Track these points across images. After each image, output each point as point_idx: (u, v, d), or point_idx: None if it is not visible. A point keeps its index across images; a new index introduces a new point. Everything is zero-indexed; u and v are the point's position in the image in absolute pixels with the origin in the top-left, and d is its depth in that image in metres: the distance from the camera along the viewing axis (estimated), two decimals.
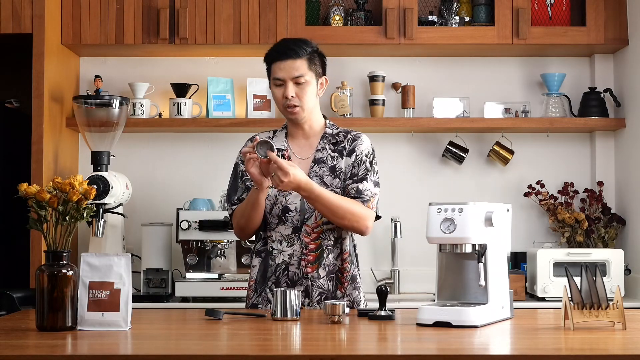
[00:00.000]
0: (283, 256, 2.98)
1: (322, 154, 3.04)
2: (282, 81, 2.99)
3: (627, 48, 4.16)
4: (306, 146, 3.07)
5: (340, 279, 3.00)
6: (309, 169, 3.02)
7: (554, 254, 3.93)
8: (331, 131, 3.08)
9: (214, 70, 4.36)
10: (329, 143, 3.05)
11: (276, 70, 3.00)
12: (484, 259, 2.58)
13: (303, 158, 3.05)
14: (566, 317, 2.47)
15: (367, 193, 2.98)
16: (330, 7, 4.23)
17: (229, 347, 2.27)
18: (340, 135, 3.07)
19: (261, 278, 3.02)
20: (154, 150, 4.37)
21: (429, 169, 4.37)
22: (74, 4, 4.08)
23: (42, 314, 2.42)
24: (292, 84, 2.97)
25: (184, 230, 3.92)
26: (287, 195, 2.99)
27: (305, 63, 2.99)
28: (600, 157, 4.33)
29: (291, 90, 2.97)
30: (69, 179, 2.47)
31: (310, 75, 3.00)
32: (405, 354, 2.15)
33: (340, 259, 3.01)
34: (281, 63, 2.98)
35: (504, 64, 4.40)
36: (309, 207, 2.97)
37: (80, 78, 4.36)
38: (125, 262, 2.47)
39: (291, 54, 2.98)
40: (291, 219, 2.99)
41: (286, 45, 3.02)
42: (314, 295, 2.98)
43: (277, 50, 3.02)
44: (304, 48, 3.00)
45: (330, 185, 3.00)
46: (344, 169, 3.02)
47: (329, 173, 3.01)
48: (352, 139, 3.06)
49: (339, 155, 3.03)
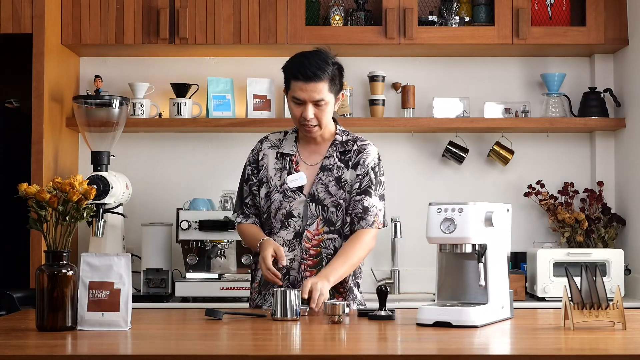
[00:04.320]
0: (285, 261, 2.98)
1: (330, 162, 3.04)
2: (301, 101, 2.97)
3: (627, 48, 4.16)
4: (315, 152, 3.08)
5: (339, 289, 3.02)
6: (315, 175, 3.03)
7: (554, 254, 3.93)
8: (341, 138, 3.08)
9: (214, 70, 4.35)
10: (337, 151, 3.06)
11: (297, 90, 2.96)
12: (484, 259, 2.58)
13: (311, 164, 3.06)
14: (566, 317, 2.47)
15: (372, 210, 3.01)
16: (330, 7, 4.23)
17: (229, 347, 2.28)
18: (349, 144, 3.07)
19: (265, 282, 3.03)
20: (154, 150, 4.37)
21: (429, 169, 4.37)
22: (74, 4, 4.08)
23: (42, 314, 2.42)
24: (311, 105, 2.96)
25: (184, 230, 3.92)
26: (291, 202, 3.00)
27: (327, 85, 2.96)
28: (600, 157, 4.33)
29: (310, 112, 2.96)
30: (69, 179, 2.47)
31: (330, 97, 2.98)
32: (405, 354, 2.15)
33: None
34: (303, 84, 2.94)
35: (504, 64, 4.40)
36: (312, 214, 2.99)
37: (80, 78, 4.36)
38: (125, 262, 2.47)
39: (314, 78, 2.93)
40: (293, 224, 3.00)
41: (309, 67, 2.94)
42: None
43: (299, 71, 2.95)
44: (327, 70, 2.95)
45: (335, 195, 3.01)
46: (349, 181, 3.03)
47: (334, 183, 3.02)
48: (358, 151, 3.06)
49: (345, 167, 3.04)
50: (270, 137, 3.13)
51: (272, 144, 3.10)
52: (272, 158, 3.07)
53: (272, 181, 3.04)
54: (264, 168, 3.07)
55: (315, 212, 3.00)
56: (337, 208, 3.01)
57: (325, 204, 3.00)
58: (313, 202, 3.00)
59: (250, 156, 3.13)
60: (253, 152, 3.13)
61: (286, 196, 3.01)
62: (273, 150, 3.09)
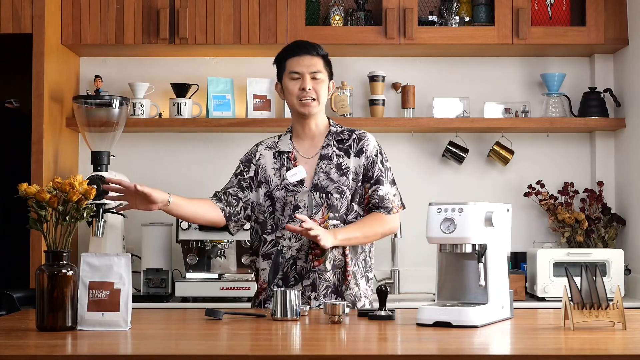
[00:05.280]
0: (291, 251, 3.02)
1: (328, 150, 3.10)
2: (299, 75, 3.07)
3: (627, 48, 4.16)
4: (311, 146, 3.13)
5: (345, 275, 3.04)
6: (315, 166, 3.06)
7: (554, 254, 3.93)
8: (335, 129, 3.15)
9: (214, 70, 4.36)
10: (333, 140, 3.12)
11: (293, 65, 3.08)
12: (484, 259, 2.58)
13: (309, 157, 3.10)
14: (566, 317, 2.47)
15: (388, 198, 3.08)
16: (330, 7, 4.23)
17: (229, 347, 2.28)
18: (345, 134, 3.14)
19: (272, 278, 3.04)
20: (154, 150, 4.37)
21: (429, 169, 4.37)
22: (74, 4, 4.08)
23: (42, 314, 2.42)
24: (309, 77, 3.06)
25: (184, 230, 3.92)
26: (295, 194, 3.03)
27: (321, 61, 3.11)
28: (600, 157, 4.33)
29: (309, 83, 3.06)
30: (69, 179, 2.47)
31: (325, 74, 3.11)
32: (405, 354, 2.15)
33: (342, 254, 3.04)
34: (299, 58, 3.08)
35: (504, 64, 4.40)
36: (316, 203, 3.02)
37: (80, 78, 4.36)
38: (125, 262, 2.47)
39: (310, 50, 3.10)
40: None
41: (303, 44, 3.14)
42: (320, 288, 3.01)
43: (295, 47, 3.13)
44: (320, 49, 3.12)
45: (337, 182, 3.05)
46: (353, 169, 3.07)
47: (335, 170, 3.07)
48: (358, 139, 3.13)
49: (345, 155, 3.09)
50: (266, 140, 3.20)
51: (268, 145, 3.15)
52: (269, 158, 3.11)
53: (271, 180, 3.07)
54: (261, 169, 3.10)
55: (320, 200, 3.03)
56: (340, 194, 3.04)
57: (328, 190, 3.04)
58: (317, 192, 3.04)
59: (244, 157, 3.18)
60: (247, 154, 3.19)
61: (289, 191, 3.04)
62: (270, 151, 3.13)
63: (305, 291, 3.01)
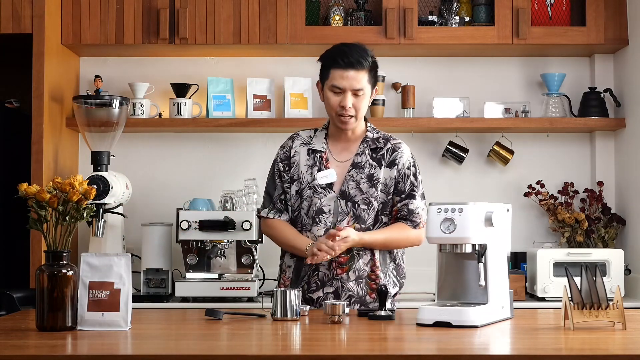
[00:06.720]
0: None
1: (361, 159, 3.05)
2: (341, 90, 2.99)
3: (627, 48, 4.16)
4: (345, 150, 3.09)
5: (370, 286, 3.01)
6: (346, 172, 3.04)
7: (554, 254, 3.93)
8: (372, 135, 3.10)
9: (214, 70, 4.35)
10: (368, 148, 3.07)
11: (337, 78, 2.98)
12: (484, 259, 2.58)
13: (342, 161, 3.08)
14: (566, 317, 2.47)
15: (417, 212, 3.06)
16: (330, 7, 4.23)
17: (229, 347, 2.28)
18: (381, 142, 3.09)
19: (295, 278, 3.04)
20: (154, 150, 4.37)
21: (429, 169, 4.37)
22: (74, 4, 4.08)
23: (42, 314, 2.42)
24: (350, 94, 2.98)
25: (184, 230, 3.91)
26: (322, 198, 3.01)
27: (366, 75, 3.00)
28: (600, 157, 4.33)
29: (349, 100, 2.98)
30: (69, 179, 2.47)
31: (368, 88, 3.02)
32: (405, 354, 2.15)
33: (370, 265, 3.02)
34: (344, 72, 2.98)
35: (504, 64, 4.40)
36: (342, 210, 2.99)
37: (80, 78, 4.36)
38: (125, 262, 2.47)
39: (356, 65, 2.97)
40: (324, 221, 3.01)
41: (351, 55, 2.99)
42: (343, 297, 2.99)
43: (341, 58, 2.99)
44: (367, 59, 3.00)
45: (366, 193, 3.02)
46: (383, 181, 3.04)
47: (365, 180, 3.03)
48: (392, 149, 3.08)
49: (378, 165, 3.05)
50: (301, 134, 3.14)
51: (304, 141, 3.11)
52: (303, 155, 3.08)
53: (303, 178, 3.05)
54: (295, 165, 3.07)
55: (346, 208, 3.01)
56: (368, 206, 3.01)
57: (355, 200, 3.01)
58: (344, 199, 3.01)
59: (281, 153, 3.12)
60: (284, 150, 3.12)
61: (316, 192, 3.02)
62: (304, 147, 3.09)
63: (328, 298, 2.99)
